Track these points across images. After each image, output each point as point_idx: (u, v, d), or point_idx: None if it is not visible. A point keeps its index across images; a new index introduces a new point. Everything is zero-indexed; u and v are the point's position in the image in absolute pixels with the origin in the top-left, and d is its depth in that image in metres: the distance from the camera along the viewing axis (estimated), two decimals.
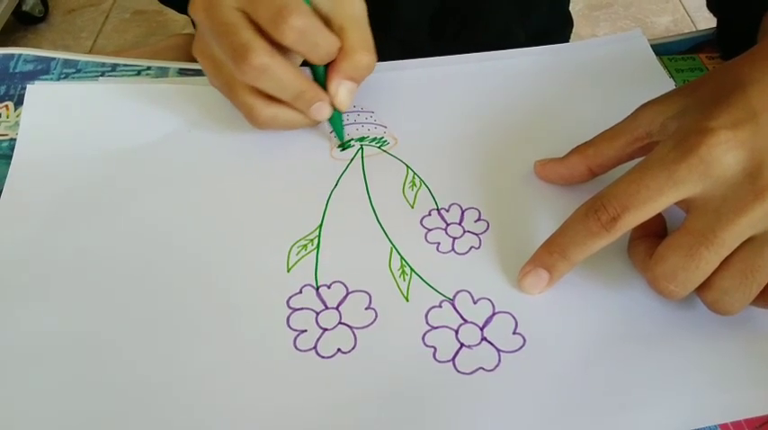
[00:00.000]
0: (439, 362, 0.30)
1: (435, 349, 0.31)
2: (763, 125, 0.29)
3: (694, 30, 0.51)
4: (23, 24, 1.34)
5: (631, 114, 0.34)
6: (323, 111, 0.37)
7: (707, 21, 1.09)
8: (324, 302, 0.33)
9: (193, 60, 0.40)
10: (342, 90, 0.37)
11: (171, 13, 1.25)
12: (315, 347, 0.31)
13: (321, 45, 0.35)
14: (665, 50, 0.48)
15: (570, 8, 0.70)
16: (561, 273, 0.32)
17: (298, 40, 0.34)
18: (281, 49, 0.35)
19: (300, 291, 0.33)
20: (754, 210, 0.28)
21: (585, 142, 0.36)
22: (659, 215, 0.32)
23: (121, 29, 1.18)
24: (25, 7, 1.37)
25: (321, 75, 0.37)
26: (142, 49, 0.88)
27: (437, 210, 0.37)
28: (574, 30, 0.71)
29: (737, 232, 0.28)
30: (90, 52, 1.13)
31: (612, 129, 0.35)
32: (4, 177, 0.38)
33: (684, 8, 1.19)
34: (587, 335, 0.31)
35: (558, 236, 0.32)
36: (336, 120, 0.39)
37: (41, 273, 0.34)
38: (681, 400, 0.29)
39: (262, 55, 0.34)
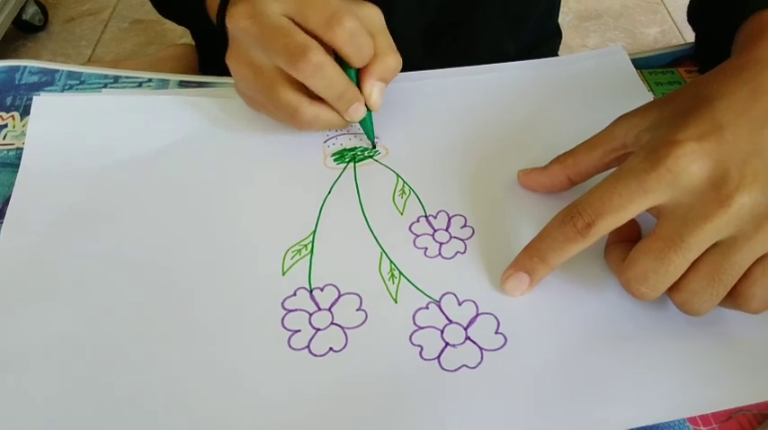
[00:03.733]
0: (425, 360, 0.32)
1: (422, 348, 0.33)
2: (727, 137, 0.31)
3: (682, 41, 0.53)
4: (23, 33, 1.36)
5: (608, 126, 0.36)
6: (360, 111, 0.40)
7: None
8: (317, 304, 0.34)
9: (191, 71, 0.42)
10: (375, 90, 0.40)
11: (169, 23, 1.27)
12: (308, 346, 0.33)
13: (365, 47, 0.38)
14: (645, 64, 0.50)
15: (560, 19, 0.72)
16: (541, 276, 0.34)
17: (348, 41, 0.37)
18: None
19: (295, 294, 0.35)
20: (719, 217, 0.30)
21: (565, 152, 0.38)
22: (633, 222, 0.34)
23: (120, 38, 1.19)
24: (25, 16, 1.39)
25: (353, 78, 0.40)
26: (141, 59, 0.89)
27: (425, 216, 0.39)
28: (564, 41, 0.73)
29: (704, 237, 0.30)
30: (89, 61, 1.14)
31: (590, 140, 0.37)
32: (12, 185, 0.40)
33: (673, 20, 1.21)
34: (565, 335, 0.33)
35: (537, 241, 0.34)
36: (368, 121, 0.41)
37: (48, 277, 0.35)
38: (652, 395, 0.31)
39: (319, 54, 0.36)
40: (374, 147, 0.42)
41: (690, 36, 0.52)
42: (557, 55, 0.72)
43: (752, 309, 0.31)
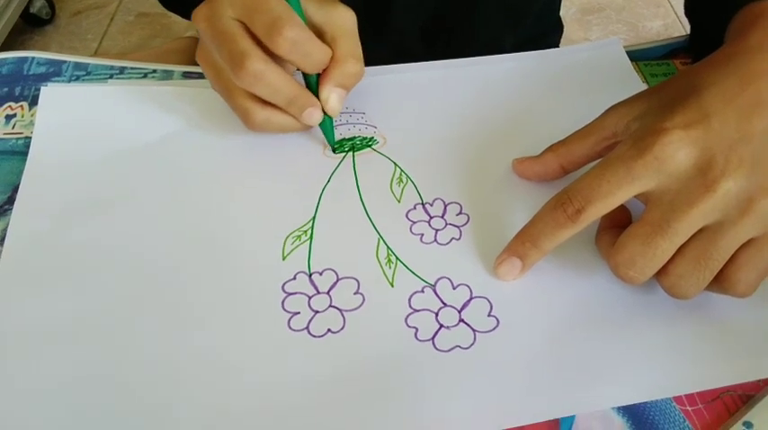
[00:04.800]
0: (420, 341, 0.33)
1: (417, 329, 0.34)
2: (714, 125, 0.32)
3: (685, 34, 0.54)
4: (31, 26, 1.37)
5: (600, 116, 0.37)
6: (314, 116, 0.40)
7: None
8: (316, 287, 0.36)
9: (196, 63, 0.43)
10: (333, 96, 0.40)
11: (174, 16, 1.28)
12: (307, 328, 0.34)
13: (312, 55, 0.38)
14: (641, 56, 0.51)
15: (563, 12, 0.73)
16: (533, 260, 0.35)
17: (290, 50, 0.37)
18: (276, 57, 0.38)
19: (294, 278, 0.36)
20: (705, 202, 0.30)
21: (559, 141, 0.39)
22: (623, 208, 0.35)
23: (126, 31, 1.21)
24: (33, 9, 1.40)
25: (313, 82, 0.40)
26: (147, 52, 0.91)
27: (422, 204, 0.40)
28: (566, 34, 0.74)
29: (690, 222, 0.31)
30: (95, 54, 1.16)
31: (583, 129, 0.38)
32: (19, 173, 0.41)
33: (675, 13, 1.21)
34: (555, 318, 0.34)
35: (530, 227, 0.35)
36: (327, 125, 0.42)
37: (55, 264, 0.37)
38: (639, 375, 0.32)
39: (257, 62, 0.36)
40: (334, 151, 0.43)
41: None
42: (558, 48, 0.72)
43: (738, 292, 0.32)
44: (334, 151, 0.43)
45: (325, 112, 0.40)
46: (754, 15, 0.39)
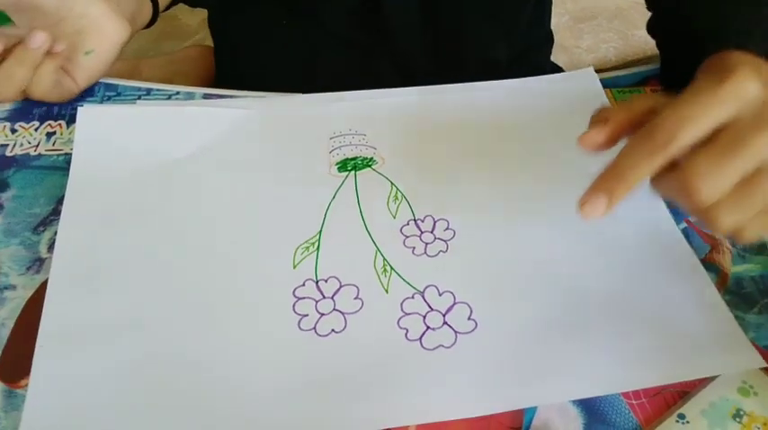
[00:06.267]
0: (409, 340, 0.39)
1: (407, 330, 0.40)
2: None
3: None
4: None
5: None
6: None
7: None
8: (322, 293, 0.42)
9: (209, 70, 0.48)
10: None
11: (183, 18, 1.33)
12: (314, 328, 0.40)
13: None
14: (614, 84, 0.57)
15: (556, 20, 0.76)
16: (619, 195, 0.34)
17: None
18: None
19: (304, 284, 0.42)
20: None
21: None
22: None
23: (138, 33, 1.26)
24: None
25: None
26: (162, 58, 0.95)
27: (414, 220, 0.45)
28: (558, 41, 0.77)
29: (761, 148, 0.32)
30: None
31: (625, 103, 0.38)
32: (61, 187, 0.47)
33: None
34: (524, 322, 0.40)
35: (615, 163, 0.35)
36: None
37: (99, 266, 0.42)
38: (594, 374, 0.38)
39: None
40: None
41: None
42: (549, 60, 0.78)
43: None
44: (338, 170, 0.48)
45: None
46: (724, 61, 0.39)
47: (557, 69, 0.77)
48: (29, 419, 0.35)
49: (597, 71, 0.56)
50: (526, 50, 0.72)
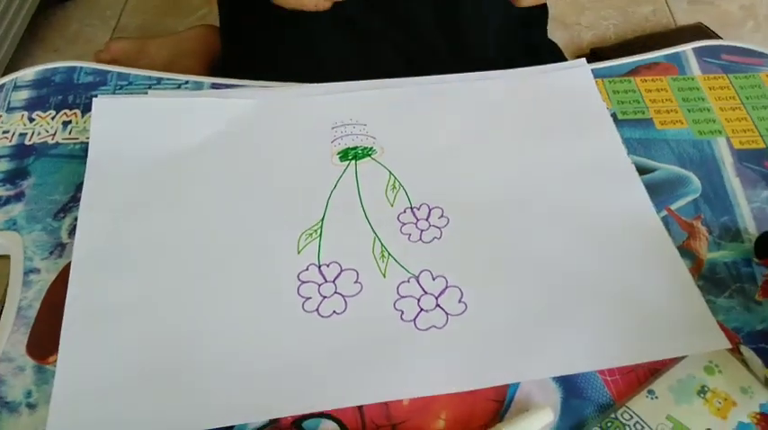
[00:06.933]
0: (404, 321, 0.43)
1: (402, 312, 0.43)
2: None
3: (672, 21, 0.61)
4: (52, 3, 1.42)
5: None
6: None
7: (684, 12, 1.22)
8: (324, 277, 0.45)
9: (213, 50, 0.50)
10: None
11: None
12: (317, 309, 0.43)
13: None
14: (606, 73, 0.59)
15: None
16: None
17: None
18: None
19: (307, 268, 0.45)
20: None
21: None
22: None
23: (141, 9, 1.27)
24: None
25: None
26: (168, 38, 0.97)
27: (410, 208, 0.49)
28: (559, 18, 0.78)
29: None
30: (114, 30, 1.22)
31: None
32: (78, 174, 0.50)
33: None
34: (510, 305, 0.43)
35: None
36: None
37: (118, 249, 0.46)
38: (573, 353, 0.41)
39: None
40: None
41: (679, 16, 0.59)
42: (545, 29, 0.79)
43: None
44: (340, 160, 0.51)
45: None
46: None
47: (552, 45, 0.79)
48: (59, 392, 0.39)
49: (597, 50, 0.58)
50: (521, 16, 0.72)
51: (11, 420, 0.39)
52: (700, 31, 1.23)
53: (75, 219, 0.47)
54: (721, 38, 1.21)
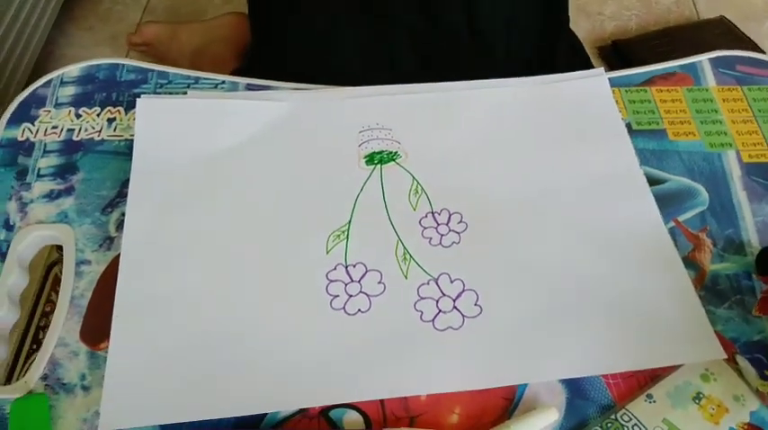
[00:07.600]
0: (423, 321, 0.46)
1: (422, 313, 0.47)
2: None
3: (695, 12, 0.62)
4: None
5: None
6: None
7: (707, 3, 1.23)
8: (350, 276, 0.48)
9: (243, 38, 0.53)
10: None
11: None
12: (344, 307, 0.47)
13: None
14: (622, 83, 0.61)
15: None
16: None
17: None
18: None
19: (335, 268, 0.49)
20: None
21: None
22: None
23: None
24: None
25: None
26: (199, 25, 1.00)
27: (432, 212, 0.52)
28: (582, 7, 0.78)
29: None
30: (144, 11, 1.25)
31: None
32: (124, 171, 0.53)
33: None
34: (523, 309, 0.47)
35: None
36: None
37: (161, 244, 0.49)
38: (580, 357, 0.45)
39: None
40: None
41: (702, 6, 0.61)
42: (568, 23, 0.80)
43: None
44: (366, 163, 0.55)
45: None
46: None
47: (574, 37, 0.80)
48: (110, 376, 0.43)
49: (618, 41, 0.59)
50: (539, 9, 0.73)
51: (68, 400, 0.43)
52: (722, 25, 1.23)
53: (122, 214, 0.51)
54: (743, 33, 1.22)
